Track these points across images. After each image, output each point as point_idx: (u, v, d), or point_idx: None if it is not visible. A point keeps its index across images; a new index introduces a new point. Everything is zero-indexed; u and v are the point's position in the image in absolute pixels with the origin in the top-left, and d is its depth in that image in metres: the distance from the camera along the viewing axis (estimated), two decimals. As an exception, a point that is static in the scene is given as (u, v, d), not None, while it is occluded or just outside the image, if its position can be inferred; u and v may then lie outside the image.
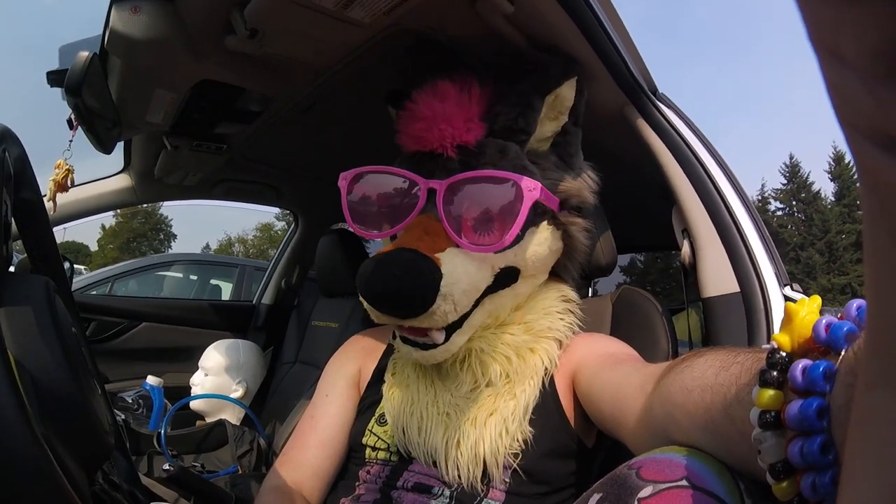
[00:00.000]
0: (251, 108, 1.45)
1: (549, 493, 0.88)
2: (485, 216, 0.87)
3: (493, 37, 1.01)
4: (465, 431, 0.88)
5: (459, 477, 0.86)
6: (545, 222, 0.93)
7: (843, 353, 0.34)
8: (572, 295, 1.03)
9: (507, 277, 0.92)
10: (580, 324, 1.00)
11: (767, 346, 0.43)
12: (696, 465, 0.46)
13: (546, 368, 0.92)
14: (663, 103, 1.17)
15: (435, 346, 0.87)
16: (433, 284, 0.80)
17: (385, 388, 1.01)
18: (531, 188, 0.84)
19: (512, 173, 0.86)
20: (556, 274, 1.03)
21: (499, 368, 0.92)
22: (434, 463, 0.89)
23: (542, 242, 0.94)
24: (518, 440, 0.87)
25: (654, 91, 1.19)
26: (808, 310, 0.39)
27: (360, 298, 0.85)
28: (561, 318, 0.98)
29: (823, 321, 0.36)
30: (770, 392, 0.38)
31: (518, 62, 1.03)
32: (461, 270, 0.83)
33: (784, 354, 0.38)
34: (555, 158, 0.98)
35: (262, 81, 1.26)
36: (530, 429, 0.88)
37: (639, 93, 1.15)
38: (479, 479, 0.86)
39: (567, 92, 0.96)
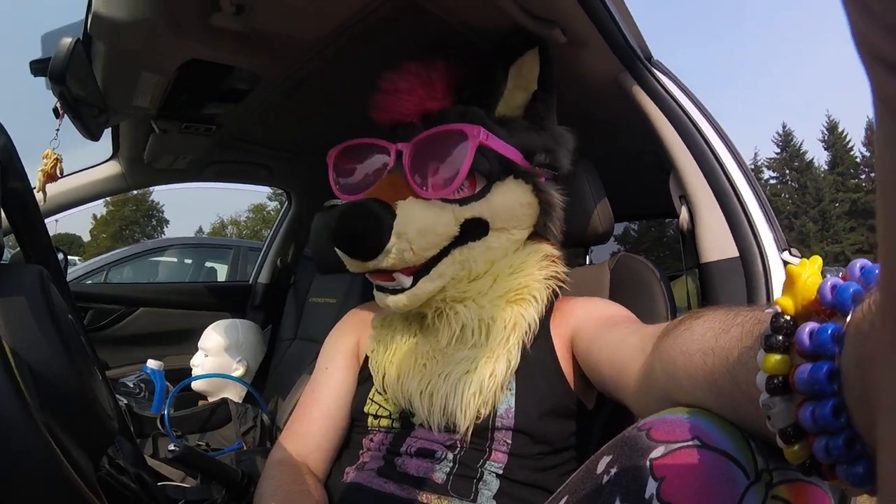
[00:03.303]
0: (240, 87, 1.42)
1: (550, 454, 0.89)
2: (441, 167, 0.94)
3: (484, 5, 1.00)
4: (437, 385, 0.90)
5: (432, 426, 0.90)
6: (511, 176, 0.98)
7: (850, 314, 0.34)
8: (552, 251, 1.03)
9: (475, 229, 0.96)
10: (562, 277, 1.00)
11: (765, 305, 0.42)
12: (706, 425, 0.46)
13: (530, 331, 0.93)
14: (658, 70, 1.16)
15: (403, 290, 0.93)
16: (385, 223, 0.87)
17: (370, 337, 1.06)
18: (475, 133, 0.91)
19: (459, 124, 0.94)
20: (541, 236, 1.04)
21: (471, 316, 0.94)
22: (412, 406, 0.92)
23: (509, 195, 0.97)
24: (510, 399, 0.88)
25: (650, 58, 1.17)
26: (811, 272, 0.38)
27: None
28: (544, 278, 0.98)
29: (829, 283, 0.36)
30: (776, 357, 0.37)
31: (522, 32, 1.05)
32: (417, 213, 0.90)
33: (788, 318, 0.38)
34: (525, 122, 1.03)
35: (250, 59, 1.23)
36: (530, 390, 0.90)
37: (634, 59, 1.14)
38: (472, 430, 0.88)
39: (530, 62, 1.03)
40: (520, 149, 0.98)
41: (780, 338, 0.37)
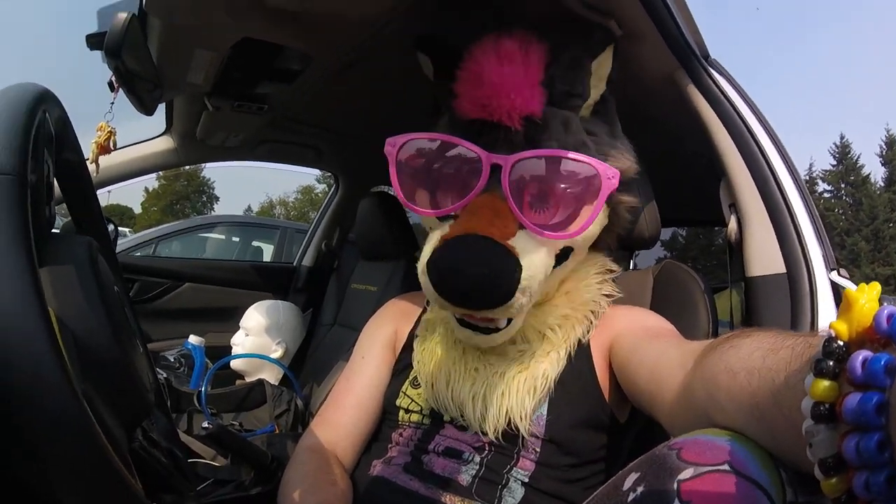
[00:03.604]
0: (292, 67, 1.44)
1: (578, 466, 0.88)
2: (555, 199, 0.84)
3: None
4: (493, 384, 0.88)
5: (486, 431, 0.87)
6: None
7: None
8: (611, 265, 1.01)
9: (562, 257, 0.89)
10: (617, 293, 0.99)
11: (817, 330, 0.40)
12: (739, 450, 0.45)
13: (580, 338, 0.92)
14: (716, 70, 1.11)
15: (497, 329, 0.86)
16: (515, 279, 0.77)
17: (416, 344, 1.02)
18: (610, 176, 0.82)
19: (591, 158, 0.83)
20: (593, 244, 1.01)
21: (535, 335, 0.92)
22: (462, 416, 0.90)
23: (596, 222, 0.89)
24: (545, 403, 0.87)
25: (707, 56, 1.13)
26: (868, 298, 0.36)
27: (426, 288, 0.81)
28: (599, 289, 0.97)
29: (885, 311, 0.34)
30: (825, 383, 0.36)
31: (561, 22, 0.99)
32: (537, 261, 0.81)
33: (841, 344, 0.36)
34: (604, 127, 0.94)
35: (302, 39, 1.24)
36: (563, 398, 0.88)
37: (691, 57, 1.10)
38: (502, 437, 0.86)
39: (608, 59, 0.94)
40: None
41: (831, 363, 0.36)
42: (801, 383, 0.39)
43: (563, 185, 0.84)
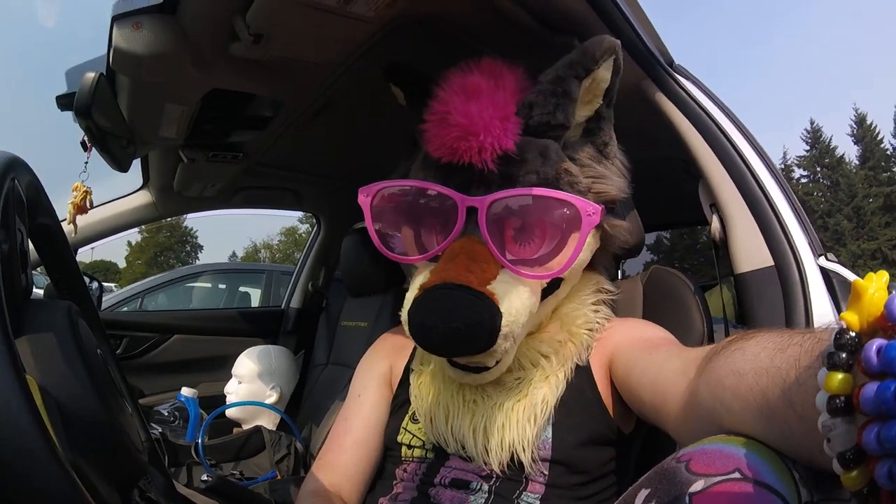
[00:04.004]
0: (263, 114, 1.45)
1: (588, 483, 0.86)
2: (537, 234, 0.83)
3: (499, 18, 0.99)
4: (493, 417, 0.86)
5: (489, 464, 0.85)
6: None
7: None
8: (606, 284, 0.99)
9: (551, 288, 0.87)
10: (612, 313, 0.98)
11: (824, 325, 0.40)
12: (748, 456, 0.44)
13: (577, 359, 0.90)
14: (681, 75, 1.13)
15: (487, 368, 0.84)
16: (495, 328, 0.75)
17: (412, 378, 1.00)
18: (590, 212, 0.80)
19: (569, 195, 0.81)
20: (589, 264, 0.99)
21: (529, 363, 0.90)
22: (464, 449, 0.87)
23: (585, 249, 0.86)
24: (547, 430, 0.85)
25: (671, 63, 1.15)
26: (877, 286, 0.36)
27: (408, 334, 0.81)
28: (595, 310, 0.95)
29: None
30: (839, 375, 0.35)
31: (543, 41, 0.99)
32: (518, 304, 0.78)
33: (853, 335, 0.35)
34: (590, 150, 0.91)
35: (271, 86, 1.25)
36: (568, 420, 0.86)
37: (655, 66, 1.11)
38: (507, 467, 0.84)
39: (604, 73, 0.86)
40: (597, 194, 0.88)
41: (844, 355, 0.35)
42: (812, 379, 0.38)
43: (543, 221, 0.83)
